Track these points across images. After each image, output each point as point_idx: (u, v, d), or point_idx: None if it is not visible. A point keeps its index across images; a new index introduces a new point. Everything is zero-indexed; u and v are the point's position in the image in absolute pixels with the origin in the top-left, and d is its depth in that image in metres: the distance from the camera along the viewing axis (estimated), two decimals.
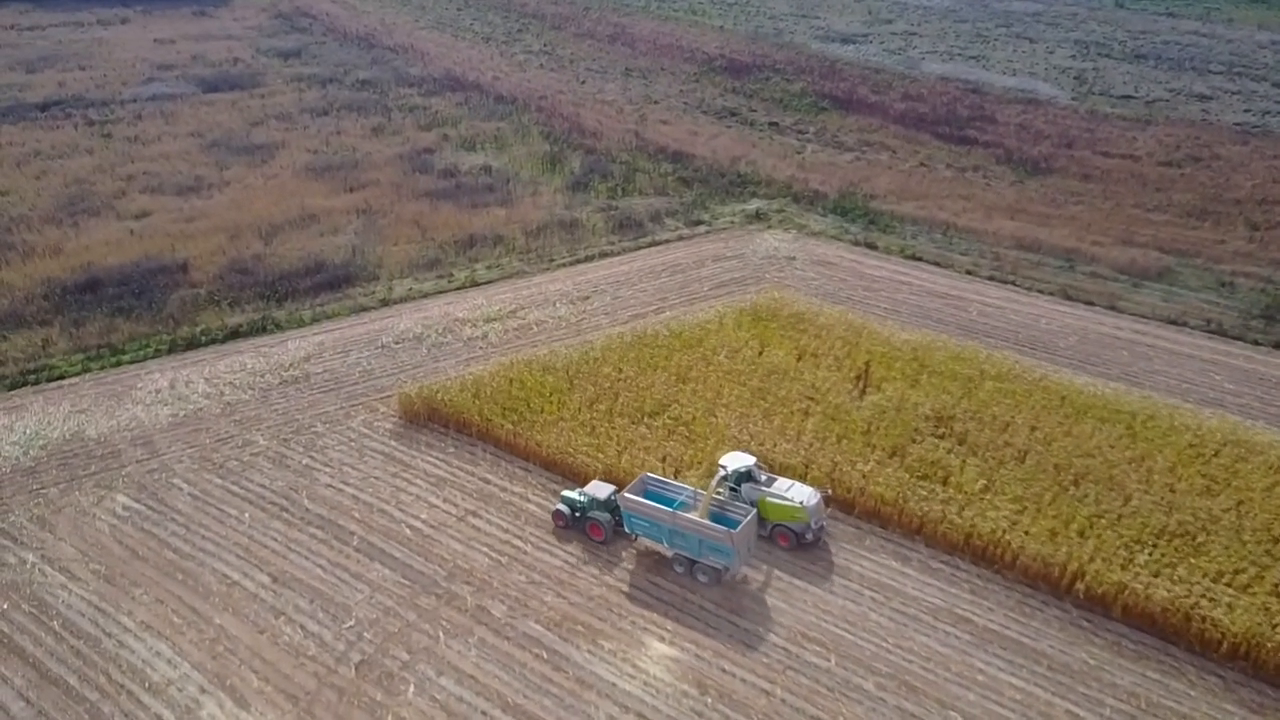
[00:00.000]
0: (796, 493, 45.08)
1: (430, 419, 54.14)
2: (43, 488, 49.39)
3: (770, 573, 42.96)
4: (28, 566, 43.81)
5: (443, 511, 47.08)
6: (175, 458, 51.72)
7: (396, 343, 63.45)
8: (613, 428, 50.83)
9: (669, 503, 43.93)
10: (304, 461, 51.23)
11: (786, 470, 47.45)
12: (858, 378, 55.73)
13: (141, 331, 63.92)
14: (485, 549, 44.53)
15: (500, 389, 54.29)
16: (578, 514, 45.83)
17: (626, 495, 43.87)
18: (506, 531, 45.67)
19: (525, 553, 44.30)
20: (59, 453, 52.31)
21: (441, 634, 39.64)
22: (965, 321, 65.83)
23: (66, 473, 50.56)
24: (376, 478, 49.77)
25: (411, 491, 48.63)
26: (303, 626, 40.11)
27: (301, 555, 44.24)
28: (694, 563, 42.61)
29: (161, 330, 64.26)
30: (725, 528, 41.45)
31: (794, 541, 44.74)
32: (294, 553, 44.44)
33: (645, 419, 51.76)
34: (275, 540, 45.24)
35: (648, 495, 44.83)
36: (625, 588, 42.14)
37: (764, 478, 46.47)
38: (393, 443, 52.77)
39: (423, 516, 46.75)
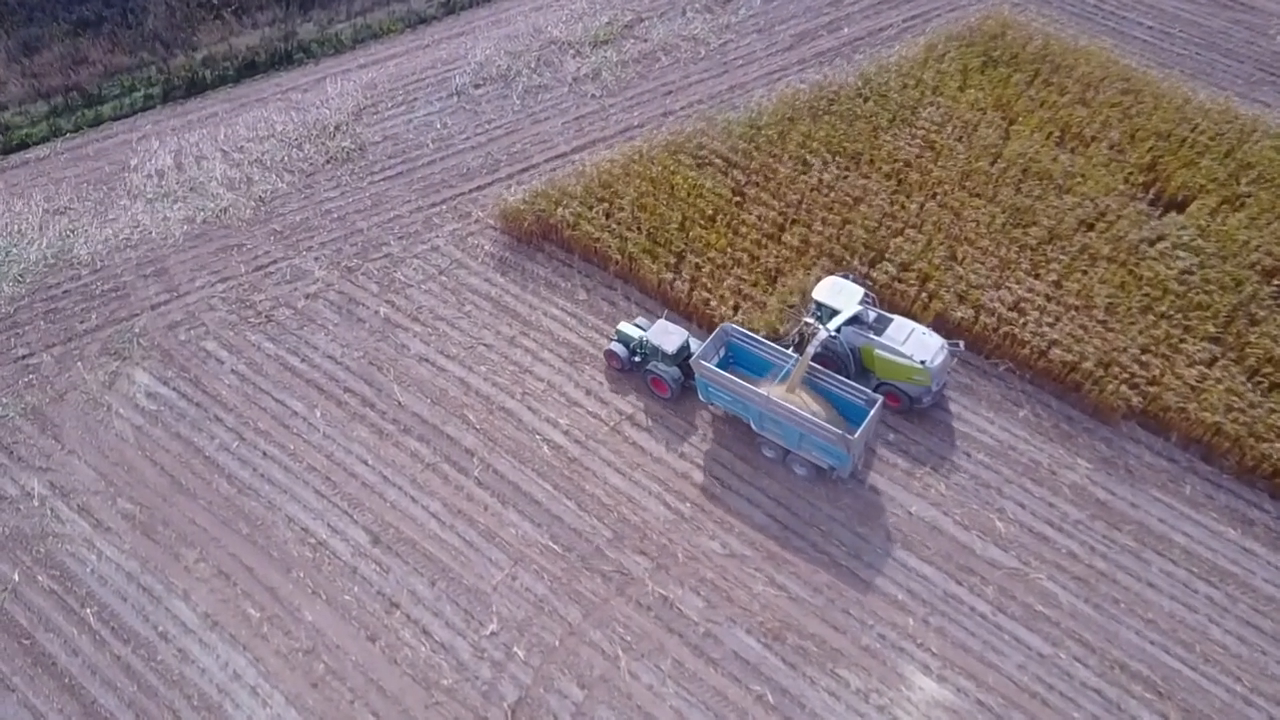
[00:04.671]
0: (917, 346, 32.41)
1: (545, 238, 38.92)
2: (31, 354, 36.08)
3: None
4: (35, 503, 32.03)
5: (589, 415, 33.98)
6: (203, 299, 37.61)
7: (476, 85, 45.71)
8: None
9: (755, 363, 32.77)
10: (381, 311, 37.12)
11: (1072, 372, 33.37)
12: (1147, 188, 39.20)
13: (120, 63, 46.02)
14: (658, 488, 32.16)
15: (643, 200, 38.29)
16: (637, 357, 34.20)
17: (704, 364, 31.87)
18: (681, 456, 32.98)
19: (715, 495, 31.99)
20: (43, 288, 38.16)
21: (621, 652, 28.67)
22: (1266, 56, 46.85)
23: (60, 326, 36.89)
24: (487, 346, 36.00)
25: (540, 374, 35.13)
26: (427, 631, 29.10)
27: (404, 493, 32.07)
28: (789, 452, 31.83)
29: (147, 59, 46.32)
30: (840, 432, 29.86)
31: (906, 404, 33.15)
32: (393, 487, 32.23)
33: (857, 260, 36.49)
34: (365, 464, 32.81)
35: (730, 351, 33.28)
36: (861, 569, 30.36)
37: (873, 315, 33.45)
38: (500, 279, 38.09)
39: (562, 423, 33.76)
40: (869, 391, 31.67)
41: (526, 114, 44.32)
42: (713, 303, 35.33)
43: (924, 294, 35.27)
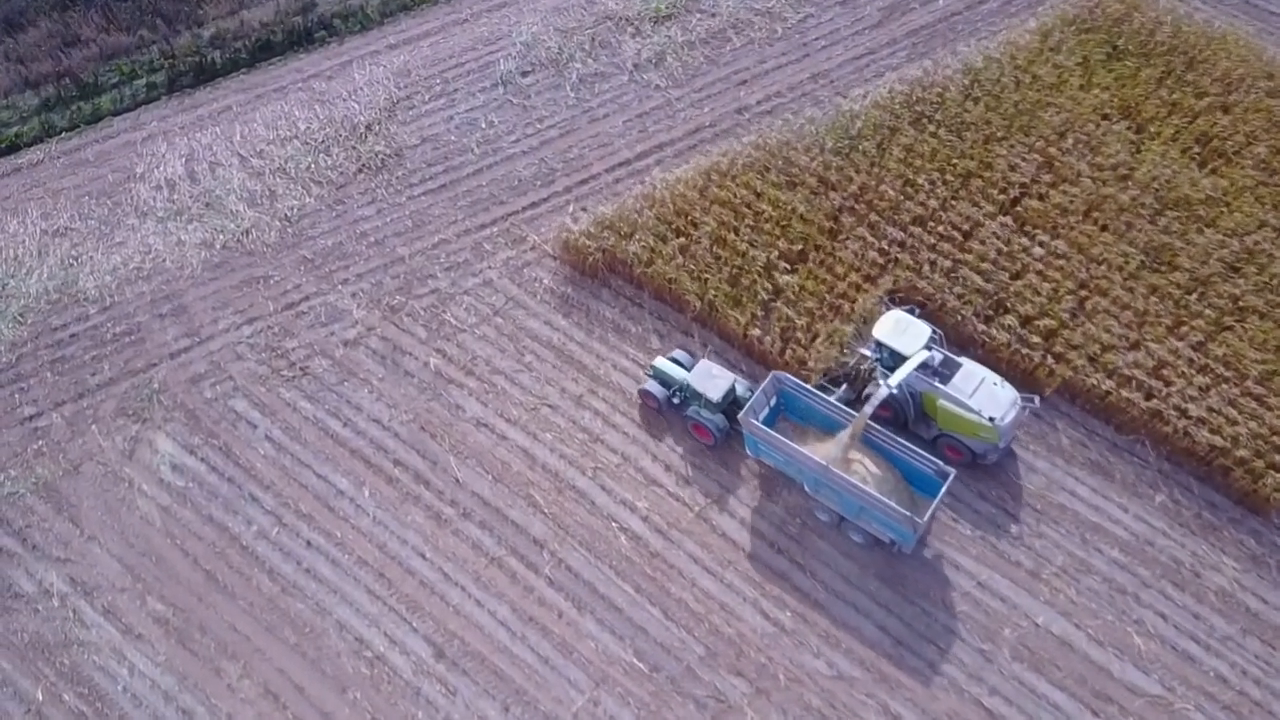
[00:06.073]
0: (987, 399, 28.84)
1: (612, 270, 34.36)
2: (39, 414, 32.12)
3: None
4: (56, 603, 28.62)
5: (669, 498, 30.15)
6: (228, 345, 33.38)
7: (524, 73, 40.20)
8: None
9: (808, 413, 29.59)
10: (432, 362, 32.91)
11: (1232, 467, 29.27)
12: None
13: (117, 43, 40.33)
14: (753, 592, 28.61)
15: (723, 233, 33.54)
16: (676, 399, 30.77)
17: (756, 424, 28.57)
18: (778, 550, 29.28)
19: (817, 602, 28.43)
20: (47, 330, 33.90)
21: None
22: None
23: (69, 379, 32.78)
24: (552, 407, 31.91)
25: (613, 444, 31.13)
26: None
27: (468, 595, 28.52)
28: (844, 519, 28.75)
29: (148, 37, 40.64)
30: (908, 514, 26.83)
31: (968, 459, 29.74)
32: (455, 587, 28.67)
33: (969, 307, 32.03)
34: (422, 557, 29.18)
35: (780, 400, 29.89)
36: (985, 695, 26.98)
37: (939, 358, 29.77)
38: (562, 322, 33.69)
39: (641, 506, 29.98)
40: (939, 463, 28.03)
41: (582, 109, 39.00)
42: (809, 363, 31.08)
43: (1049, 356, 30.97)
